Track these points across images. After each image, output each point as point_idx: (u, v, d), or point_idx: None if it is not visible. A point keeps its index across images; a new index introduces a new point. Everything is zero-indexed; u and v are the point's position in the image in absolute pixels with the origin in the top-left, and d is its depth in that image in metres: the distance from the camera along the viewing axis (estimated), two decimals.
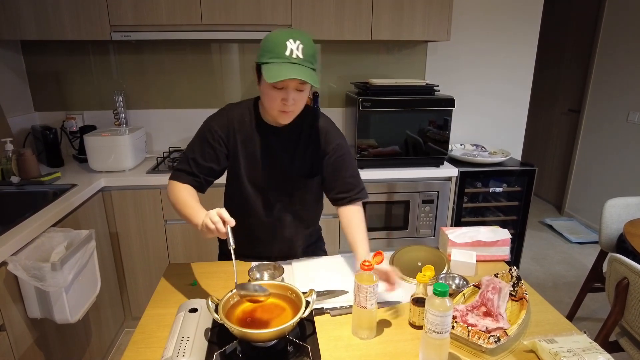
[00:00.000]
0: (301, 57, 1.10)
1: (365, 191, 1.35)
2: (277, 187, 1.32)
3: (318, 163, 1.33)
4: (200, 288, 1.27)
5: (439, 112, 2.25)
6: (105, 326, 2.05)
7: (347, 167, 1.32)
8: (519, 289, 1.20)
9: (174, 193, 1.22)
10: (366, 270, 1.00)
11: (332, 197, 1.34)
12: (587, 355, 0.92)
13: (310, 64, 1.12)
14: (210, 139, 1.25)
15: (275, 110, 1.18)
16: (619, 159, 3.46)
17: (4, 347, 1.29)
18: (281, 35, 1.10)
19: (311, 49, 1.13)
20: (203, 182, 1.26)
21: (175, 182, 1.24)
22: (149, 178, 2.10)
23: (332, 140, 1.30)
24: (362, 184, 1.35)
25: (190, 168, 1.24)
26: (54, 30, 2.07)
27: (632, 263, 1.45)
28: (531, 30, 2.72)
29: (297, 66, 1.09)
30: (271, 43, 1.11)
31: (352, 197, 1.31)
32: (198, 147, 1.26)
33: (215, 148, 1.25)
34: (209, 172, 1.27)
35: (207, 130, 1.26)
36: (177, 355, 0.85)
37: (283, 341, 0.92)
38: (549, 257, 3.27)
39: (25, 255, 1.37)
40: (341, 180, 1.31)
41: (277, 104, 1.16)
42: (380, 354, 0.99)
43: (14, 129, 2.26)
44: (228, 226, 1.02)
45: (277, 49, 1.09)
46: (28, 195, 1.86)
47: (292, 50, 1.09)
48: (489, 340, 0.98)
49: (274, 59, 1.09)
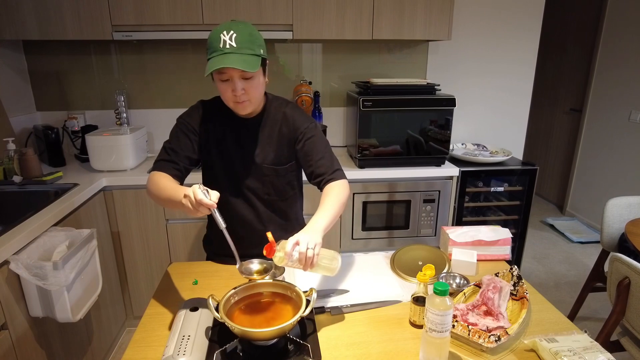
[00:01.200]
0: (234, 45, 1.11)
1: (341, 172, 1.30)
2: (250, 178, 1.34)
3: (288, 151, 1.34)
4: (201, 287, 1.27)
5: (440, 111, 2.24)
6: (106, 325, 2.05)
7: (317, 150, 1.30)
8: (520, 288, 1.20)
9: (153, 182, 1.19)
10: None
11: (313, 183, 1.33)
12: (588, 354, 0.92)
13: (249, 49, 1.13)
14: (185, 130, 1.29)
15: (230, 102, 1.22)
16: (620, 158, 3.45)
17: (6, 346, 1.29)
18: (217, 30, 1.13)
19: (246, 35, 1.13)
20: (182, 170, 1.28)
21: (155, 172, 1.23)
22: None
23: (299, 125, 1.31)
24: (335, 164, 1.31)
25: (169, 156, 1.26)
26: (56, 30, 2.08)
27: (634, 263, 1.45)
28: (533, 29, 2.71)
29: (230, 55, 1.11)
30: (210, 39, 1.14)
31: (326, 178, 1.28)
32: (174, 138, 1.30)
33: (190, 137, 1.29)
34: (187, 160, 1.29)
35: (180, 123, 1.31)
36: (178, 353, 0.85)
37: (283, 340, 0.93)
38: (551, 257, 3.26)
39: (27, 254, 1.38)
40: (314, 164, 1.29)
41: (229, 95, 1.19)
42: (380, 352, 0.99)
43: (16, 129, 2.26)
44: (214, 209, 0.99)
45: (214, 43, 1.12)
46: (30, 194, 1.87)
47: (225, 41, 1.11)
48: (489, 339, 0.98)
49: (212, 54, 1.13)
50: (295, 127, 1.31)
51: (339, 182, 1.27)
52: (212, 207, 0.98)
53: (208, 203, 0.97)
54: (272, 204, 1.39)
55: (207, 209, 0.99)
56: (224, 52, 1.11)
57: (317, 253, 0.99)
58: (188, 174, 1.31)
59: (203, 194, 0.97)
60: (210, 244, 1.51)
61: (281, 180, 1.37)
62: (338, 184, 1.26)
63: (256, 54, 1.15)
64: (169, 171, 1.24)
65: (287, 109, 1.33)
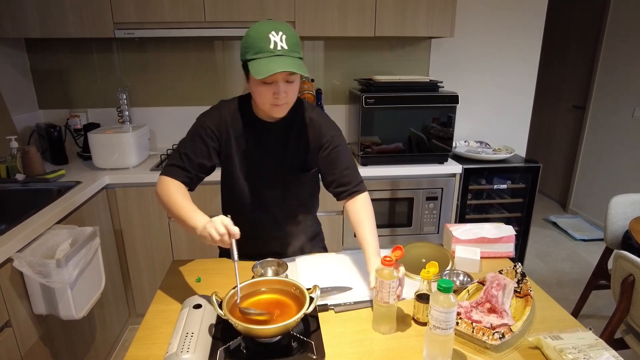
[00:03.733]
0: (286, 47, 1.07)
1: (363, 184, 1.31)
2: (271, 183, 1.31)
3: (311, 157, 1.31)
4: (205, 284, 1.27)
5: (442, 108, 2.24)
6: (109, 323, 2.06)
7: (342, 160, 1.28)
8: (524, 285, 1.19)
9: (165, 190, 1.18)
10: (387, 265, 1.00)
11: (332, 191, 1.32)
12: (593, 351, 0.92)
13: (297, 53, 1.10)
14: (203, 135, 1.24)
15: (267, 105, 1.16)
16: (624, 155, 3.44)
17: (10, 343, 1.30)
18: (262, 29, 1.07)
19: (294, 38, 1.10)
20: (194, 178, 1.24)
21: (166, 178, 1.21)
22: (153, 175, 2.10)
23: (326, 133, 1.28)
24: (359, 177, 1.31)
25: (182, 163, 1.22)
26: (58, 28, 2.08)
27: (638, 260, 1.44)
28: (536, 26, 2.70)
29: (284, 58, 1.06)
30: (253, 38, 1.08)
31: (350, 189, 1.28)
32: (190, 142, 1.25)
33: (207, 144, 1.24)
34: (200, 168, 1.24)
35: (200, 126, 1.25)
36: (182, 350, 0.85)
37: (287, 337, 0.93)
38: (554, 255, 3.25)
39: (31, 252, 1.38)
40: (338, 174, 1.28)
41: (269, 98, 1.14)
42: (384, 349, 0.99)
43: (19, 127, 2.27)
44: (233, 239, 0.99)
45: (261, 43, 1.06)
46: (33, 192, 1.87)
47: (276, 42, 1.06)
48: (493, 336, 0.98)
49: (259, 54, 1.07)
50: (321, 134, 1.28)
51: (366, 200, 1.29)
52: (235, 236, 0.98)
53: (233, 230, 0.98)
54: (292, 209, 1.37)
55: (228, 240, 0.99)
56: (276, 53, 1.06)
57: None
58: (200, 181, 1.27)
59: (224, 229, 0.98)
60: None
61: (303, 187, 1.35)
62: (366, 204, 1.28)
63: (301, 57, 1.12)
64: (180, 178, 1.20)
65: (314, 114, 1.29)
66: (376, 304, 1.04)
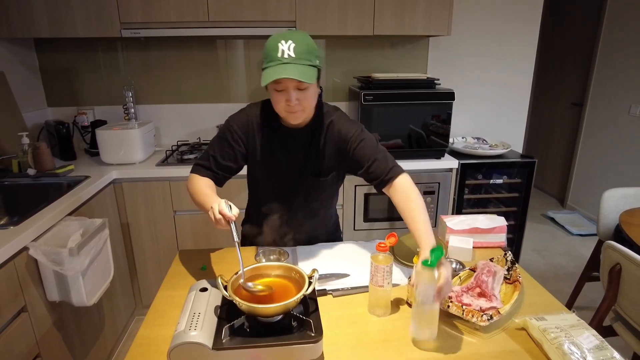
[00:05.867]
0: (293, 55, 1.11)
1: (397, 167, 1.26)
2: (294, 187, 1.37)
3: (337, 161, 1.33)
4: (210, 272, 1.33)
5: (439, 105, 2.29)
6: (117, 313, 2.13)
7: (367, 154, 1.27)
8: (513, 272, 1.25)
9: (193, 184, 1.28)
10: (381, 251, 1.06)
11: (373, 184, 1.30)
12: (574, 331, 0.98)
13: (307, 60, 1.13)
14: (230, 139, 1.30)
15: (282, 112, 1.21)
16: (621, 152, 3.48)
17: (26, 327, 1.37)
18: (275, 39, 1.13)
19: (304, 45, 1.13)
20: (221, 178, 1.32)
21: (195, 175, 1.31)
22: (159, 170, 2.17)
23: (347, 134, 1.29)
24: (390, 162, 1.27)
25: (210, 164, 1.31)
26: (67, 28, 2.15)
27: (625, 249, 1.50)
28: (532, 23, 2.75)
29: (289, 65, 1.10)
30: (267, 48, 1.14)
31: (384, 179, 1.25)
32: (218, 145, 1.31)
33: (234, 148, 1.30)
34: (227, 169, 1.32)
35: (227, 129, 1.30)
36: (190, 328, 0.92)
37: (287, 317, 0.99)
38: (550, 249, 3.31)
39: (44, 242, 1.45)
40: (367, 168, 1.27)
41: (282, 105, 1.18)
42: (379, 331, 1.05)
43: (28, 124, 2.34)
44: (232, 223, 1.08)
45: (272, 52, 1.12)
46: (43, 186, 1.94)
47: (284, 50, 1.11)
48: (482, 318, 1.04)
49: (269, 63, 1.13)
50: (342, 138, 1.29)
51: (406, 183, 1.22)
52: (230, 220, 1.07)
53: (228, 214, 1.06)
54: (315, 211, 1.44)
55: (226, 223, 1.07)
56: (282, 62, 1.10)
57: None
58: (226, 180, 1.35)
59: (227, 207, 1.07)
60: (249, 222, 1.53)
61: (325, 189, 1.40)
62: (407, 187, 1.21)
63: (313, 65, 1.15)
64: (207, 177, 1.30)
65: (334, 118, 1.31)
66: (372, 288, 1.10)
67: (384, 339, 1.03)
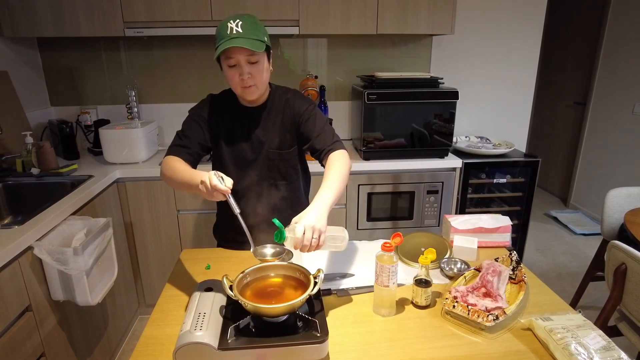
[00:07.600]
0: (241, 31, 1.19)
1: (339, 143, 1.34)
2: (257, 164, 1.41)
3: (291, 135, 1.40)
4: (214, 271, 1.34)
5: (443, 104, 2.29)
6: (120, 312, 2.13)
7: (315, 128, 1.36)
8: (518, 272, 1.25)
9: (169, 165, 1.26)
10: (387, 251, 1.07)
11: (315, 158, 1.39)
12: (580, 331, 0.97)
13: (254, 35, 1.21)
14: (197, 119, 1.37)
15: (238, 88, 1.28)
16: (624, 151, 3.47)
17: (31, 326, 1.37)
18: (225, 20, 1.22)
19: (252, 23, 1.22)
20: (194, 155, 1.34)
21: (170, 156, 1.30)
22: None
23: (299, 109, 1.38)
24: (333, 137, 1.35)
25: (182, 141, 1.34)
26: (70, 28, 2.15)
27: (630, 249, 1.49)
28: (536, 22, 2.74)
29: (236, 39, 1.18)
30: (218, 30, 1.23)
31: (326, 149, 1.33)
32: (187, 126, 1.37)
33: (201, 126, 1.37)
34: (200, 146, 1.36)
35: (192, 114, 1.39)
36: (195, 328, 0.92)
37: (293, 316, 0.99)
38: (554, 248, 3.30)
39: (49, 241, 1.45)
40: (313, 140, 1.35)
41: (237, 80, 1.25)
42: (384, 330, 1.05)
43: (32, 124, 2.34)
44: (228, 195, 1.06)
45: (221, 32, 1.21)
46: (47, 185, 1.94)
47: (232, 28, 1.19)
48: (487, 318, 1.03)
49: (220, 41, 1.21)
50: (295, 112, 1.38)
51: (338, 153, 1.30)
52: (226, 193, 1.05)
53: (222, 189, 1.04)
54: (279, 187, 1.45)
55: (222, 195, 1.05)
56: (231, 37, 1.19)
57: (322, 239, 1.05)
58: (200, 159, 1.38)
59: (218, 180, 1.04)
60: (219, 230, 1.59)
61: (285, 164, 1.43)
62: (337, 155, 1.29)
63: (260, 40, 1.22)
64: (182, 155, 1.30)
65: (289, 95, 1.41)
66: (377, 288, 1.10)
67: (389, 338, 1.02)
